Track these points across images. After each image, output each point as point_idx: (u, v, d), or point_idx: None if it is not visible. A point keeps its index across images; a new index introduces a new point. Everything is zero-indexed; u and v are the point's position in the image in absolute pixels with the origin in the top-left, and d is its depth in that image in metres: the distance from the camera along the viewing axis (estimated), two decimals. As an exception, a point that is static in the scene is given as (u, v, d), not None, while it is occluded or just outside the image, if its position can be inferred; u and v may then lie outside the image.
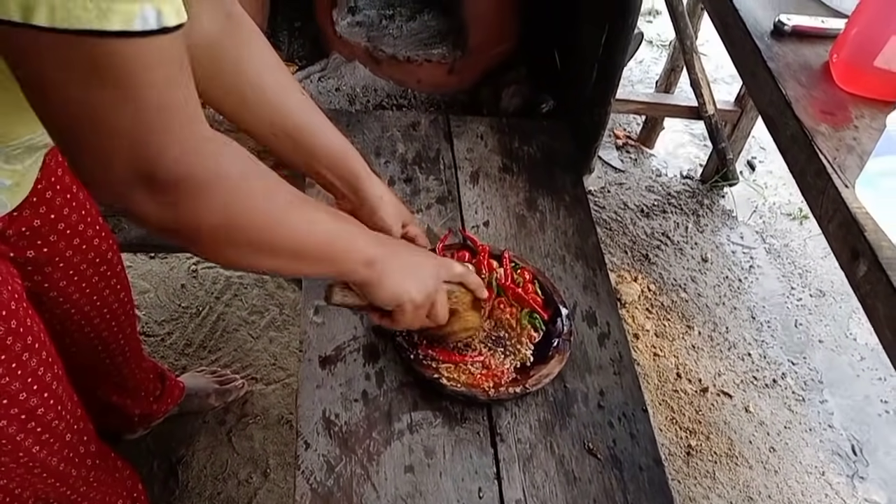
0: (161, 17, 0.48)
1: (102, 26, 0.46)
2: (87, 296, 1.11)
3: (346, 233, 0.77)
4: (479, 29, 1.43)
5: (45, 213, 0.96)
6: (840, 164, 0.91)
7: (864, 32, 0.99)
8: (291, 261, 0.72)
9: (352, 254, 0.77)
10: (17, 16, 0.45)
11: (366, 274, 0.79)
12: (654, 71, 2.68)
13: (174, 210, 0.58)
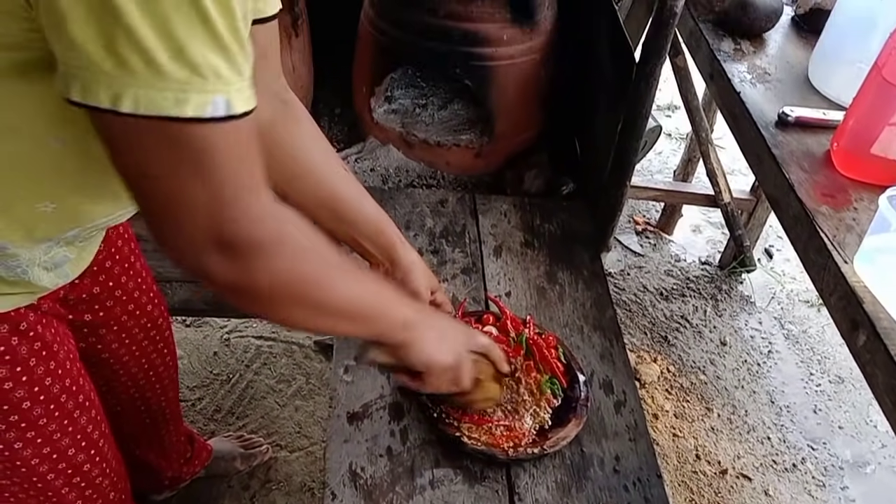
0: (230, 105, 0.56)
1: (179, 113, 0.53)
2: (136, 358, 1.17)
3: (388, 297, 0.84)
4: (505, 118, 1.53)
5: (103, 280, 1.03)
6: (840, 241, 0.98)
7: (860, 123, 1.08)
8: (339, 320, 0.78)
9: (392, 317, 0.83)
10: (107, 103, 0.52)
11: (402, 336, 0.84)
12: (672, 162, 2.78)
13: (240, 272, 0.64)
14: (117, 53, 0.50)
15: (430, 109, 1.59)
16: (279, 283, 0.68)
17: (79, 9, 0.49)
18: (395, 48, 1.50)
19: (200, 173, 0.58)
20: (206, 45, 0.53)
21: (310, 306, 0.73)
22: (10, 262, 0.75)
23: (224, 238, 0.62)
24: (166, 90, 0.52)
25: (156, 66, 0.51)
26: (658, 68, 1.22)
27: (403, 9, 1.46)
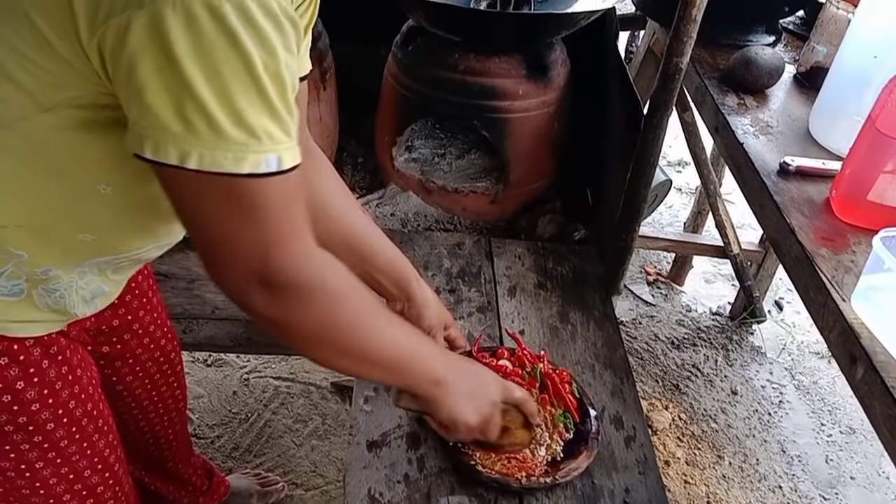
0: (281, 162, 0.63)
1: (237, 170, 0.61)
2: (148, 391, 1.22)
3: (423, 351, 0.89)
4: (519, 167, 1.61)
5: (123, 313, 1.09)
6: (838, 281, 1.03)
7: (857, 171, 1.14)
8: (371, 367, 0.84)
9: (424, 372, 0.88)
10: (175, 160, 0.60)
11: (432, 392, 0.89)
12: (682, 215, 2.85)
13: (281, 309, 0.71)
14: (186, 119, 0.58)
15: (448, 158, 1.67)
16: (315, 325, 0.74)
17: (156, 82, 0.57)
18: (417, 101, 1.59)
19: (252, 220, 0.65)
20: (262, 112, 0.61)
21: (343, 350, 0.79)
22: (51, 284, 0.81)
23: (268, 278, 0.68)
24: (227, 150, 0.60)
25: (218, 130, 0.59)
26: (665, 120, 1.29)
27: (426, 65, 1.56)
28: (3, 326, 0.80)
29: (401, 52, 1.59)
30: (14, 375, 0.83)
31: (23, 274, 0.78)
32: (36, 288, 0.80)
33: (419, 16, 1.54)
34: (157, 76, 0.57)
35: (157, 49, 0.56)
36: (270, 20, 0.59)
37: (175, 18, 0.55)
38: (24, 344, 0.83)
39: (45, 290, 0.81)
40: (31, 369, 0.84)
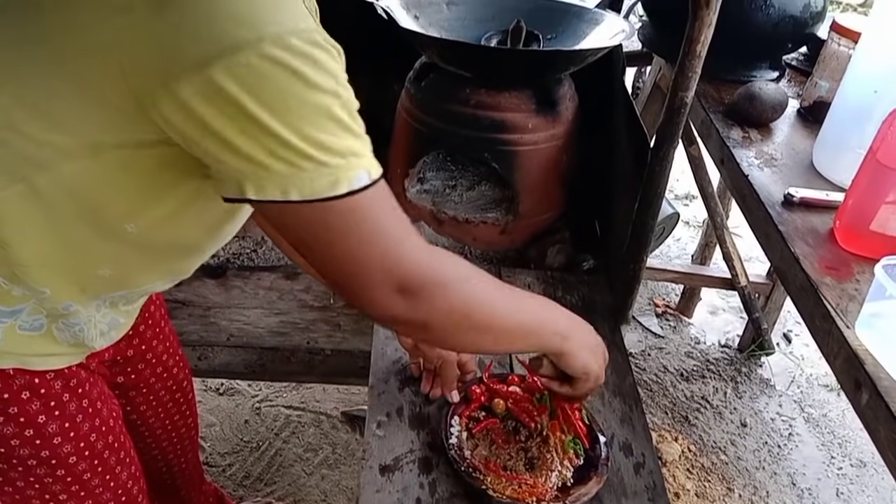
0: (370, 173, 0.67)
1: (336, 192, 0.65)
2: (161, 420, 1.24)
3: (547, 311, 0.94)
4: (529, 198, 1.64)
5: (137, 343, 1.11)
6: (842, 309, 1.05)
7: (859, 202, 1.16)
8: (505, 339, 0.87)
9: (552, 330, 0.93)
10: (279, 196, 0.64)
11: (564, 346, 0.94)
12: (690, 248, 2.87)
13: (424, 308, 0.75)
14: (278, 157, 0.62)
15: (459, 190, 1.71)
16: (456, 312, 0.79)
17: (236, 131, 0.61)
18: (430, 134, 1.63)
19: (366, 234, 0.69)
20: (341, 135, 0.65)
21: (485, 329, 0.83)
22: (71, 319, 0.83)
23: (401, 282, 0.72)
24: (321, 177, 0.64)
25: (310, 161, 0.63)
26: (671, 152, 1.33)
27: (438, 99, 1.60)
28: (25, 360, 0.82)
29: (414, 87, 1.64)
30: (36, 409, 0.84)
31: (44, 309, 0.80)
32: (56, 322, 0.82)
33: (432, 52, 1.59)
34: (237, 125, 0.61)
35: (227, 107, 0.60)
36: (321, 51, 0.63)
37: (236, 71, 0.59)
38: (45, 377, 0.85)
39: (65, 324, 0.83)
40: (52, 403, 0.86)
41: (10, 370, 0.81)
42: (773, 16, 1.61)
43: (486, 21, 1.73)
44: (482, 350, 0.88)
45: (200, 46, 0.59)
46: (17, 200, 0.70)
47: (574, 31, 1.72)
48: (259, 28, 0.59)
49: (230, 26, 0.59)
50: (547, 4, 1.80)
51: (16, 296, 0.77)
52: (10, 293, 0.77)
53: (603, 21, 1.71)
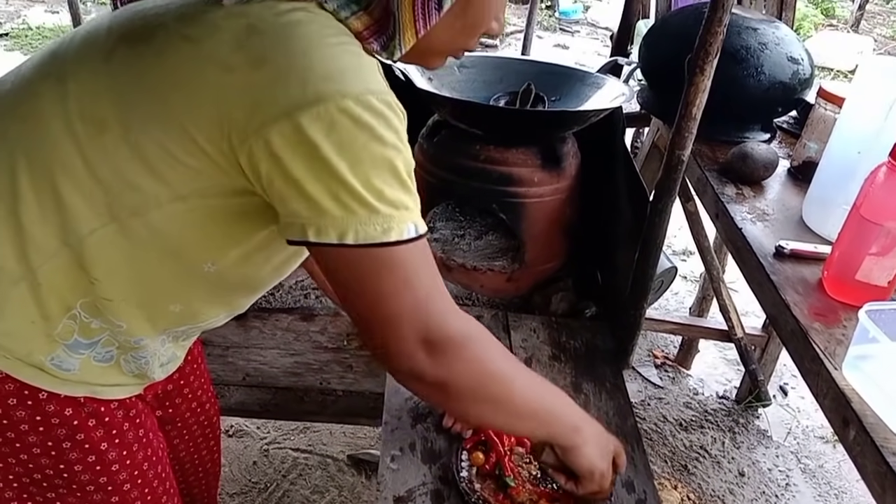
0: (418, 228, 0.75)
1: (386, 239, 0.72)
2: (191, 454, 1.27)
3: (561, 399, 0.95)
4: (534, 248, 1.73)
5: (176, 378, 1.15)
6: (830, 352, 1.12)
7: (845, 254, 1.24)
8: (519, 419, 0.90)
9: (567, 421, 0.94)
10: (336, 239, 0.72)
11: (573, 440, 0.94)
12: (688, 302, 2.95)
13: (445, 367, 0.79)
14: (341, 202, 0.70)
15: (467, 239, 1.80)
16: (474, 377, 0.82)
17: (311, 178, 0.70)
18: (441, 186, 1.73)
19: (405, 283, 0.75)
20: (397, 188, 0.73)
21: (496, 401, 0.86)
22: (140, 353, 0.89)
23: (429, 337, 0.77)
24: (376, 224, 0.71)
25: (368, 208, 0.71)
26: (669, 205, 1.42)
27: (450, 154, 1.70)
28: (95, 389, 0.88)
29: (427, 143, 1.75)
30: (99, 437, 0.90)
31: (116, 342, 0.86)
32: (125, 354, 0.88)
33: (445, 111, 1.70)
34: (311, 172, 0.69)
35: (308, 150, 0.68)
36: (391, 111, 0.72)
37: (318, 123, 0.68)
38: (110, 406, 0.90)
39: (133, 356, 0.89)
40: (114, 431, 0.91)
41: (81, 398, 0.87)
42: (764, 82, 1.73)
43: (494, 83, 1.86)
44: (492, 424, 0.91)
45: (291, 97, 0.68)
46: (110, 239, 0.78)
47: (577, 93, 1.83)
48: (343, 85, 0.69)
49: (318, 81, 0.69)
50: (552, 69, 1.93)
51: (94, 329, 0.84)
52: (90, 326, 0.83)
53: (604, 85, 1.82)
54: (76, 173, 0.76)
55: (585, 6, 8.16)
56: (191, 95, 0.72)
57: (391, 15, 0.78)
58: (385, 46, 0.80)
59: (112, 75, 0.76)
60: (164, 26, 0.77)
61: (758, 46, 1.72)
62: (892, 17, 9.58)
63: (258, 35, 0.72)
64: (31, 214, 0.77)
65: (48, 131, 0.76)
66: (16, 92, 0.81)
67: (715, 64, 1.27)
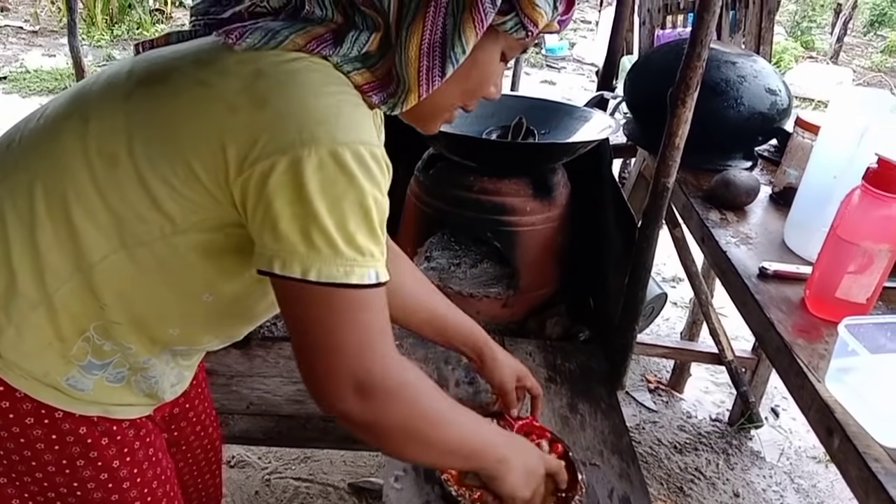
0: (378, 276, 0.80)
1: (347, 280, 0.77)
2: (194, 478, 1.29)
3: (488, 436, 1.00)
4: (528, 275, 1.79)
5: (182, 402, 1.18)
6: (814, 366, 1.18)
7: (825, 274, 1.30)
8: (447, 456, 0.95)
9: (492, 454, 0.98)
10: (298, 274, 0.76)
11: (496, 470, 0.99)
12: (678, 327, 3.00)
13: (372, 412, 0.83)
14: (311, 240, 0.75)
15: (463, 267, 1.86)
16: (404, 422, 0.86)
17: (288, 212, 0.75)
18: (437, 217, 1.79)
19: (350, 327, 0.80)
20: (367, 235, 0.78)
21: (425, 443, 0.90)
22: (149, 373, 0.94)
23: (364, 381, 0.81)
24: (339, 265, 0.76)
25: (335, 249, 0.76)
26: (656, 231, 1.48)
27: (445, 186, 1.77)
28: (108, 409, 0.92)
29: (423, 175, 1.81)
30: (112, 455, 0.93)
31: (126, 363, 0.91)
32: (135, 375, 0.93)
33: (440, 145, 1.77)
34: (290, 207, 0.74)
35: (293, 186, 0.74)
36: (376, 164, 0.77)
37: (309, 162, 0.73)
38: (122, 425, 0.94)
39: (143, 377, 0.94)
40: (126, 449, 0.95)
41: (94, 417, 0.91)
42: (744, 112, 1.81)
43: (486, 118, 1.93)
44: (422, 462, 0.96)
45: (287, 137, 0.74)
46: (119, 266, 0.83)
47: (566, 126, 1.91)
48: (336, 132, 0.75)
49: (314, 125, 0.75)
50: (541, 103, 2.01)
51: (107, 351, 0.88)
52: (102, 348, 0.88)
53: (591, 118, 1.91)
54: (90, 204, 0.81)
55: (571, 43, 8.36)
56: (197, 132, 0.78)
57: (394, 76, 0.84)
58: (385, 101, 0.85)
59: (128, 114, 0.82)
60: (179, 70, 0.83)
61: (737, 79, 1.81)
62: (870, 49, 9.84)
63: (263, 79, 0.78)
64: (48, 241, 0.82)
65: (67, 165, 0.82)
66: (42, 129, 0.88)
67: (695, 96, 1.35)
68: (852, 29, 9.62)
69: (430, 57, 0.81)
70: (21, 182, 0.84)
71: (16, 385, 0.86)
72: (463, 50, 0.81)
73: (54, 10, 7.22)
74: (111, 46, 6.57)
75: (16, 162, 0.86)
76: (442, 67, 0.82)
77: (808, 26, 9.79)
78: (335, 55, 0.81)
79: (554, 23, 0.89)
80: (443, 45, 0.81)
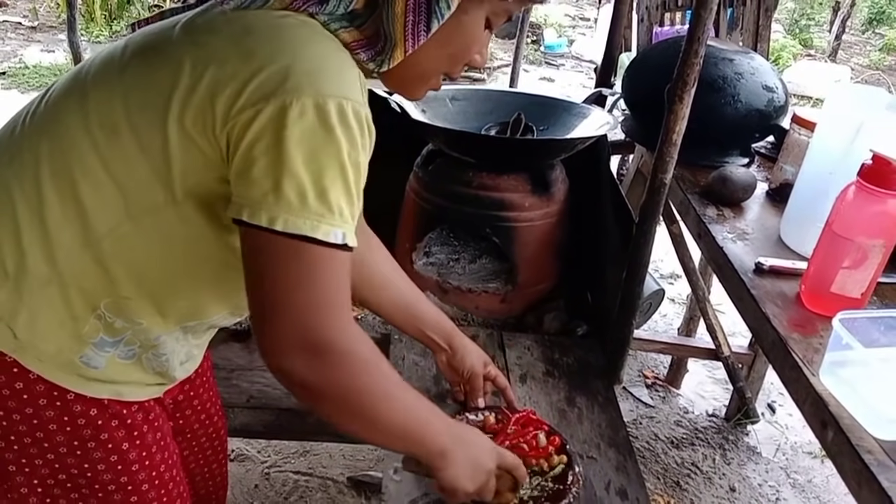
0: (346, 238, 0.80)
1: (312, 234, 0.77)
2: (200, 466, 1.30)
3: (435, 423, 0.98)
4: (526, 270, 1.80)
5: (187, 389, 1.20)
6: (808, 360, 1.19)
7: (820, 268, 1.31)
8: (387, 437, 0.94)
9: (434, 444, 0.97)
10: (265, 223, 0.77)
11: (437, 462, 0.98)
12: (676, 323, 3.01)
13: (317, 372, 0.82)
14: (281, 190, 0.76)
15: (462, 262, 1.87)
16: (345, 390, 0.85)
17: (263, 158, 0.77)
18: (436, 212, 1.80)
19: (310, 282, 0.79)
20: (341, 192, 0.79)
21: (362, 417, 0.88)
22: (159, 350, 0.96)
23: (310, 340, 0.81)
24: (307, 218, 0.77)
25: (304, 201, 0.77)
26: (653, 227, 1.49)
27: (444, 182, 1.78)
28: (119, 390, 0.94)
29: (422, 171, 1.82)
30: (121, 437, 0.95)
31: (137, 340, 0.93)
32: (146, 353, 0.95)
33: (439, 141, 1.78)
34: (266, 155, 0.76)
35: (272, 133, 0.75)
36: (357, 123, 0.79)
37: (291, 112, 0.75)
38: (131, 409, 0.96)
39: (154, 354, 0.96)
40: (135, 432, 0.97)
41: (105, 400, 0.93)
42: (741, 109, 1.82)
43: (485, 114, 1.94)
44: (363, 439, 0.94)
45: (272, 86, 0.76)
46: (126, 238, 0.86)
47: (564, 123, 1.92)
48: (321, 84, 0.77)
49: (299, 76, 0.76)
50: (540, 100, 2.02)
51: (118, 328, 0.90)
52: (114, 325, 0.90)
53: (590, 115, 1.92)
54: (96, 177, 0.84)
55: (570, 40, 8.36)
56: (189, 90, 0.80)
57: (381, 33, 0.85)
58: (373, 58, 0.87)
59: (125, 84, 0.85)
60: (172, 36, 0.86)
61: (734, 76, 1.82)
62: (868, 47, 9.86)
63: (251, 34, 0.81)
64: (56, 219, 0.85)
65: (71, 141, 0.85)
66: (43, 111, 0.90)
67: (693, 93, 1.36)
68: (851, 27, 9.63)
69: (416, 12, 0.83)
70: (27, 164, 0.86)
71: (30, 367, 0.88)
72: (448, 5, 0.83)
73: (53, 5, 7.21)
74: (110, 42, 6.56)
75: (20, 145, 0.89)
76: (427, 22, 0.84)
77: (807, 24, 9.80)
78: (322, 13, 0.84)
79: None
80: (428, 1, 0.83)
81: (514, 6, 0.92)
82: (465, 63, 0.94)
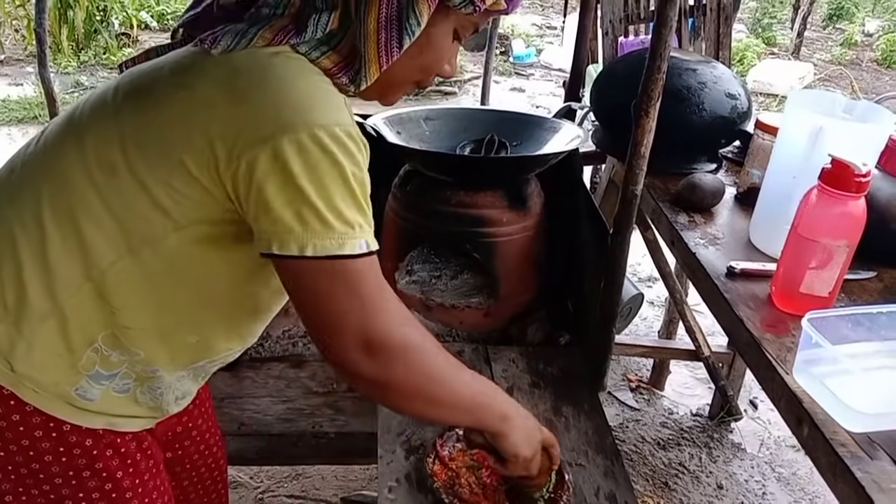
0: (369, 245, 0.86)
1: (340, 252, 0.83)
2: (199, 496, 1.32)
3: (490, 391, 1.04)
4: (507, 283, 1.84)
5: (185, 420, 1.22)
6: (782, 359, 1.24)
7: (789, 270, 1.36)
8: (451, 412, 0.99)
9: (498, 411, 1.02)
10: (296, 252, 0.82)
11: (500, 427, 1.02)
12: (656, 326, 3.07)
13: (380, 369, 0.87)
14: (303, 219, 0.81)
15: (444, 279, 1.90)
16: (412, 379, 0.91)
17: (279, 196, 0.81)
18: (416, 231, 1.84)
19: (353, 291, 0.85)
20: (354, 209, 0.84)
21: (430, 398, 0.94)
22: (155, 384, 0.98)
23: (368, 340, 0.86)
24: (332, 239, 0.82)
25: (326, 225, 0.82)
26: (627, 236, 1.54)
27: (422, 201, 1.81)
28: (113, 421, 0.96)
29: (400, 192, 1.86)
30: (115, 466, 0.98)
31: (133, 373, 0.95)
32: (141, 386, 0.97)
33: (416, 161, 1.82)
34: (280, 192, 0.80)
35: (279, 172, 0.80)
36: (353, 142, 0.83)
37: (290, 148, 0.79)
38: (125, 438, 0.99)
39: (149, 388, 0.98)
40: (129, 461, 0.99)
41: (100, 430, 0.95)
42: (706, 117, 1.88)
43: (459, 133, 1.99)
44: (430, 419, 1.00)
45: (267, 126, 0.80)
46: (128, 270, 0.88)
47: (536, 138, 1.97)
48: (312, 117, 0.81)
49: (291, 113, 0.81)
50: (511, 116, 2.07)
51: (114, 361, 0.93)
52: (110, 359, 0.93)
53: (561, 129, 1.96)
54: (95, 212, 0.87)
55: (538, 49, 8.46)
56: (185, 132, 0.84)
57: (357, 51, 0.90)
58: (353, 80, 0.91)
59: (120, 125, 0.88)
60: (162, 79, 0.90)
61: (697, 86, 1.88)
62: (830, 43, 10.07)
63: (239, 76, 0.85)
64: (57, 253, 0.88)
65: (70, 179, 0.88)
66: (40, 152, 0.94)
67: (658, 107, 1.41)
68: (812, 23, 9.83)
69: (388, 29, 0.87)
70: (27, 203, 0.89)
71: (27, 399, 0.90)
72: (418, 22, 0.87)
73: (19, 38, 7.16)
74: (78, 73, 6.54)
75: (20, 185, 0.92)
76: (399, 39, 0.88)
77: (769, 23, 10.00)
78: (302, 42, 0.88)
79: (501, 1, 0.94)
80: (399, 18, 0.87)
81: (480, 18, 0.96)
82: (436, 73, 0.99)
